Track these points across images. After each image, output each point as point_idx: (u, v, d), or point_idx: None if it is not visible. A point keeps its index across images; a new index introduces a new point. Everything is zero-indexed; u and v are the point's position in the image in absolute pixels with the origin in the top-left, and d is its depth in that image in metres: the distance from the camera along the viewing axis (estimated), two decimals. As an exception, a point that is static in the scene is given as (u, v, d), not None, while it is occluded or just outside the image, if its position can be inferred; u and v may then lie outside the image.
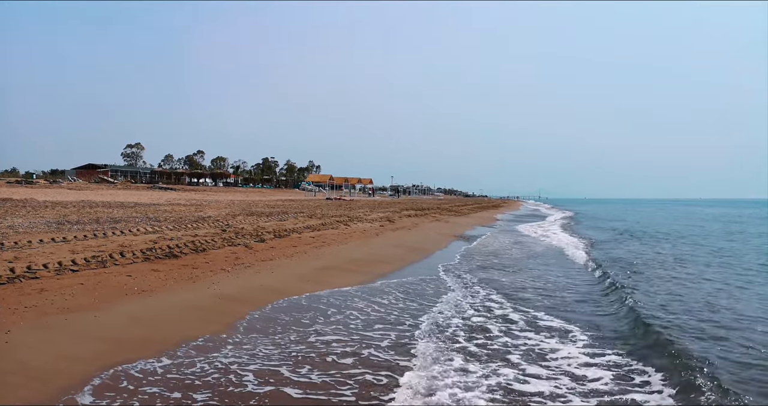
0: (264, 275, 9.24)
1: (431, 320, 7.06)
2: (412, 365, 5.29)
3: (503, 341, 6.22)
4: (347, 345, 5.93)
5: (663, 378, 4.97)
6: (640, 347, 6.02)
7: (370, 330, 6.56)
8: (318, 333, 6.36)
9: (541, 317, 7.49)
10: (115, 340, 5.57)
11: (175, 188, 61.83)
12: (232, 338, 6.00)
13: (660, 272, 11.91)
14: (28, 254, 9.12)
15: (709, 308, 8.02)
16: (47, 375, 4.54)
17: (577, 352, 5.86)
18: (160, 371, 4.90)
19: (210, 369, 5.00)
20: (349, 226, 19.00)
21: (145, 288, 7.63)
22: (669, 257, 15.05)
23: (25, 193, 33.49)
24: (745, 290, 9.87)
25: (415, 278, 10.41)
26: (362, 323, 6.86)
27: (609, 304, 8.50)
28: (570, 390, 4.77)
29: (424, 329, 6.61)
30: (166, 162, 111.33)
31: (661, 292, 9.35)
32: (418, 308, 7.85)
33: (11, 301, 6.44)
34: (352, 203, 47.50)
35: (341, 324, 6.78)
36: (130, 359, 5.09)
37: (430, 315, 7.34)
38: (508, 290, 9.42)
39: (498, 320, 7.23)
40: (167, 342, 5.66)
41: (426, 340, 6.13)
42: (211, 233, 13.78)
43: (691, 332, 6.56)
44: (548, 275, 11.70)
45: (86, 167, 79.17)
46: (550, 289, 9.89)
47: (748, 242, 20.57)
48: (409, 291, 9.05)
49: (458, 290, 9.19)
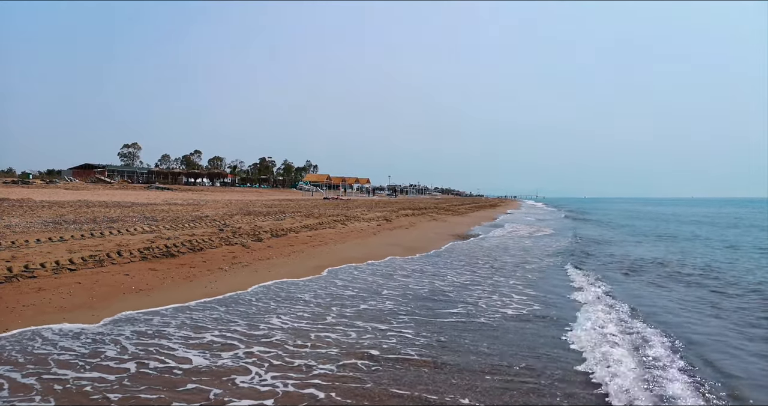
0: (261, 274, 9.28)
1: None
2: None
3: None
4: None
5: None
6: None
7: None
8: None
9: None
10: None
11: (171, 188, 61.76)
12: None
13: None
14: (26, 253, 9.13)
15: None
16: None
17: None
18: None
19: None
20: (347, 225, 19.05)
21: (142, 287, 7.67)
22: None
23: (21, 193, 33.43)
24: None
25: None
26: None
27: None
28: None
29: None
30: (162, 162, 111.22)
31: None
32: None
33: (9, 300, 6.47)
34: (349, 202, 47.55)
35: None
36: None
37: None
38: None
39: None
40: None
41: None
42: (208, 232, 13.81)
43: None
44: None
45: (83, 167, 79.00)
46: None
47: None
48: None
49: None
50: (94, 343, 5.31)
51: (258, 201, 39.79)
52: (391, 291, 8.55)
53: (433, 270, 10.96)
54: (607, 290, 9.06)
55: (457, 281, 9.81)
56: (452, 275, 10.35)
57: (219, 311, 6.77)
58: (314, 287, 8.66)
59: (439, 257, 13.19)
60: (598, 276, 10.73)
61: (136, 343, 5.38)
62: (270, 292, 8.08)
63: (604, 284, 9.76)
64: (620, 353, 5.37)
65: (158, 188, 59.03)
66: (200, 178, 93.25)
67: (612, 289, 9.27)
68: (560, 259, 13.75)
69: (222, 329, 5.98)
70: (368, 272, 10.41)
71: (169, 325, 6.05)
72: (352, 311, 7.15)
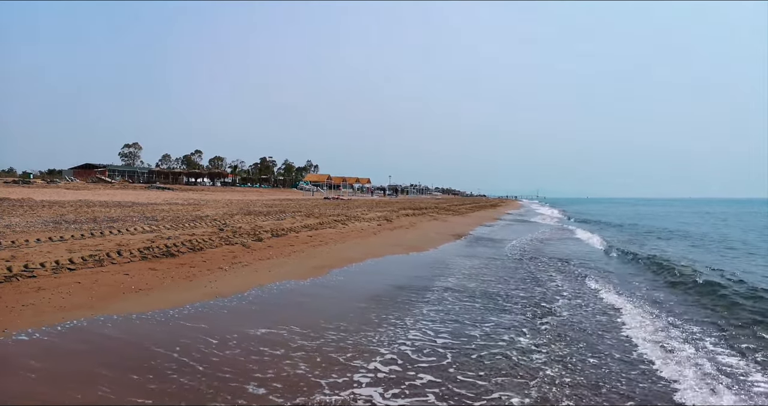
0: (261, 274, 9.26)
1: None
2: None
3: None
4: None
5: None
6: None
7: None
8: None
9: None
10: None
11: (172, 188, 61.72)
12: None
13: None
14: (26, 252, 9.11)
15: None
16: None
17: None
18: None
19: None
20: (347, 225, 19.02)
21: (142, 287, 7.64)
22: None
23: (22, 192, 33.41)
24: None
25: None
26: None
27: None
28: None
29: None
30: (163, 162, 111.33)
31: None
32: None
33: (9, 299, 6.45)
34: (349, 202, 47.52)
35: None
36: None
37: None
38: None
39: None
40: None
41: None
42: (208, 232, 13.78)
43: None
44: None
45: (83, 167, 79.06)
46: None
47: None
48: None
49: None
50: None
51: (258, 201, 39.77)
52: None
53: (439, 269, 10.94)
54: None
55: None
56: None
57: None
58: (311, 289, 8.63)
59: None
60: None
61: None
62: (265, 293, 8.05)
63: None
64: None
65: (159, 188, 59.00)
66: (201, 178, 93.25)
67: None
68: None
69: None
70: (370, 271, 10.39)
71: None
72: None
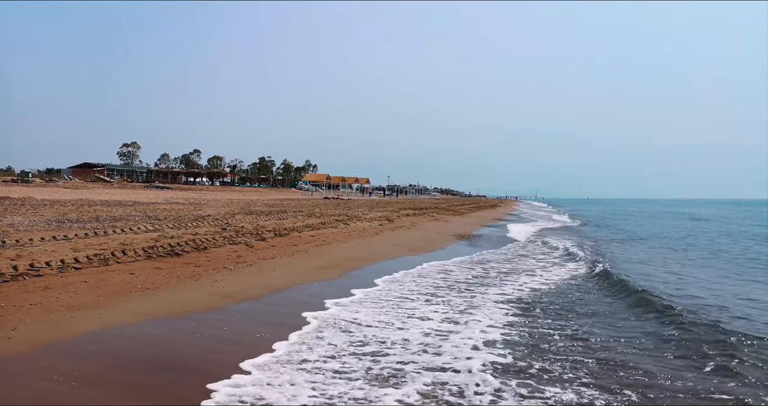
0: (267, 274, 9.27)
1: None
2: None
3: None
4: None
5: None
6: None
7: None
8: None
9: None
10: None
11: (171, 187, 61.61)
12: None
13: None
14: (30, 251, 9.11)
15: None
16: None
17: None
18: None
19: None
20: (349, 225, 19.04)
21: (148, 286, 7.64)
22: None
23: (22, 191, 33.35)
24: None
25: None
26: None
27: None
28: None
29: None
30: (162, 161, 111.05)
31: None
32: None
33: (16, 298, 6.45)
34: (349, 202, 47.54)
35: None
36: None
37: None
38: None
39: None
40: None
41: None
42: (211, 231, 13.79)
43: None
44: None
45: (82, 166, 78.78)
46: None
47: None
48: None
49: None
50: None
51: (259, 200, 39.77)
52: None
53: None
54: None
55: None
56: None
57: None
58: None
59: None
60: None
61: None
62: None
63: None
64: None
65: (158, 187, 58.90)
66: (200, 177, 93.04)
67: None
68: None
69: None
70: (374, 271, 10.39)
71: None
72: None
